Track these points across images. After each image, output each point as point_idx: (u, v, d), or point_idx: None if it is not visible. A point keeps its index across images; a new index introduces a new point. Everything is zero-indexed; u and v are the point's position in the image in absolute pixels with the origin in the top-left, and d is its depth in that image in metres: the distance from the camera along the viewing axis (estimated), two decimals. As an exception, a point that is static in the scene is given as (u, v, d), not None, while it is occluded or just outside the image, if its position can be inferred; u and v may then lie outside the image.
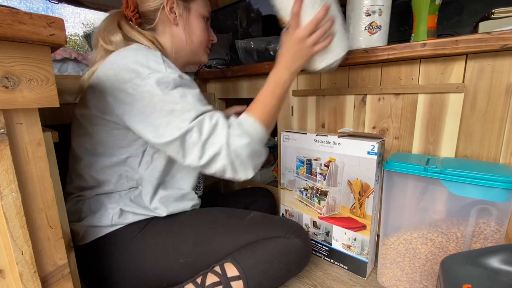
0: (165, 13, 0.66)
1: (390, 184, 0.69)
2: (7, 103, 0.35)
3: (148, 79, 0.54)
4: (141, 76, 0.54)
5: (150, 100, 0.54)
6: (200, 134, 0.54)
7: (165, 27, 0.69)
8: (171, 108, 0.54)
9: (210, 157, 0.55)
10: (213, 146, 0.55)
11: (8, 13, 0.32)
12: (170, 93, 0.55)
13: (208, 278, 0.60)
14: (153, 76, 0.54)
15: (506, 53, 0.58)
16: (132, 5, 0.66)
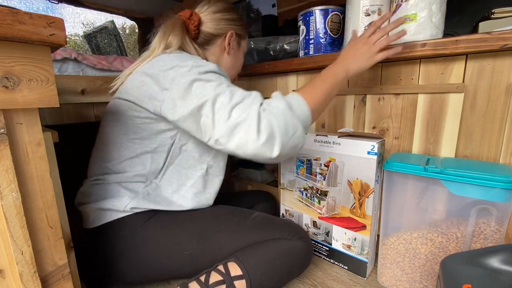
0: (224, 42, 0.76)
1: (390, 184, 0.69)
2: (7, 103, 0.35)
3: (190, 67, 0.58)
4: (184, 65, 0.58)
5: (189, 81, 0.56)
6: (231, 97, 0.54)
7: (217, 51, 0.77)
8: (206, 85, 0.56)
9: (238, 119, 0.52)
10: (244, 109, 0.53)
11: (8, 13, 0.32)
12: (208, 77, 0.58)
13: (212, 277, 0.61)
14: (195, 67, 0.58)
15: (506, 53, 0.58)
16: (196, 20, 0.73)
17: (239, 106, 0.54)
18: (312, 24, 0.86)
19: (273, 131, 0.52)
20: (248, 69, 1.01)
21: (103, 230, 0.64)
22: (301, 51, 0.92)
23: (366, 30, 0.64)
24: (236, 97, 0.55)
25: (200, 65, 0.59)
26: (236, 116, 0.52)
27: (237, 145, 0.52)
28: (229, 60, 0.80)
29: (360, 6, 0.74)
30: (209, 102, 0.54)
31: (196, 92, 0.55)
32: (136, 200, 0.64)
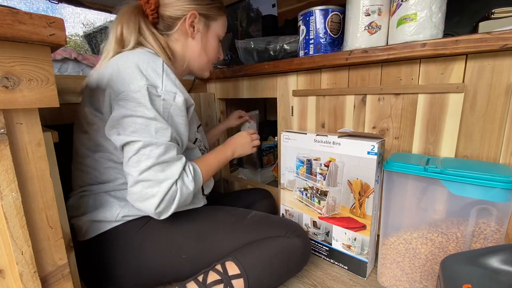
0: (185, 25, 0.68)
1: (390, 184, 0.69)
2: (7, 103, 0.35)
3: (141, 88, 0.55)
4: (135, 81, 0.55)
5: (135, 107, 0.55)
6: (163, 154, 0.56)
7: (181, 36, 0.70)
8: (148, 123, 0.56)
9: (156, 180, 0.55)
10: (167, 172, 0.57)
11: (8, 13, 0.32)
12: (155, 110, 0.56)
13: (210, 276, 0.61)
14: (146, 88, 0.56)
15: (506, 53, 0.58)
16: (153, 3, 0.66)
17: (160, 167, 0.56)
18: (312, 24, 0.86)
19: (172, 207, 0.58)
20: (248, 69, 1.01)
21: (97, 241, 0.63)
22: (301, 51, 0.92)
23: (249, 131, 0.85)
24: (164, 157, 0.56)
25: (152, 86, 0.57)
26: (152, 174, 0.55)
27: (137, 194, 0.56)
28: (195, 45, 0.71)
29: (360, 6, 0.74)
30: (140, 144, 0.55)
31: (130, 129, 0.55)
32: (126, 208, 0.63)
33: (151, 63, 0.58)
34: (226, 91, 1.20)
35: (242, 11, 1.32)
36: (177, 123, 0.61)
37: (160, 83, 0.58)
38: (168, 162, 0.57)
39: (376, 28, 0.74)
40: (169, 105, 0.58)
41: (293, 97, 0.96)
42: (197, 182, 0.63)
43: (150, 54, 0.61)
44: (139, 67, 0.57)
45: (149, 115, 0.55)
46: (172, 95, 0.59)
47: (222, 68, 1.15)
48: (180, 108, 0.60)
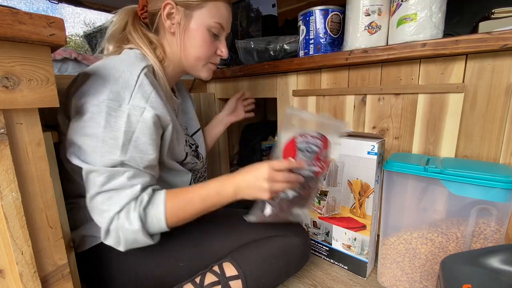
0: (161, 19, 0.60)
1: (390, 184, 0.69)
2: (7, 103, 0.35)
3: (100, 102, 0.49)
4: (98, 95, 0.49)
5: (88, 122, 0.49)
6: (107, 182, 0.50)
7: (164, 33, 0.63)
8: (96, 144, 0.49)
9: (100, 210, 0.51)
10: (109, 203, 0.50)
11: (8, 13, 0.32)
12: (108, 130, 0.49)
13: (207, 278, 0.60)
14: (106, 104, 0.49)
15: (506, 53, 0.58)
16: (141, 3, 0.61)
17: (105, 195, 0.50)
18: (312, 24, 0.86)
19: (120, 243, 0.52)
20: (248, 69, 1.01)
21: (91, 253, 0.60)
22: (301, 51, 0.92)
23: (278, 163, 0.56)
24: (109, 185, 0.50)
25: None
26: (97, 202, 0.51)
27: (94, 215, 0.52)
28: (176, 42, 0.62)
29: (360, 6, 0.74)
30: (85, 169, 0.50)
31: (80, 149, 0.50)
32: None
33: (125, 72, 0.51)
34: (226, 91, 1.20)
35: (242, 11, 1.32)
36: (144, 143, 0.52)
37: (128, 96, 0.50)
38: (117, 190, 0.50)
39: (376, 28, 0.74)
40: (134, 122, 0.50)
41: (293, 97, 0.96)
42: (150, 221, 0.52)
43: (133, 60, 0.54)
44: (109, 77, 0.50)
45: (99, 135, 0.48)
46: (139, 110, 0.51)
47: (222, 68, 1.15)
48: (147, 125, 0.51)
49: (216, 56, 0.68)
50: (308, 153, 0.58)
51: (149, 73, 0.54)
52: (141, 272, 0.62)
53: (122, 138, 0.49)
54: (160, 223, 0.53)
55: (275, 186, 0.55)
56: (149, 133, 0.52)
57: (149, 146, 0.53)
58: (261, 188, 0.55)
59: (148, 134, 0.52)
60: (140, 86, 0.51)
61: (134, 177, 0.52)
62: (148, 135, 0.52)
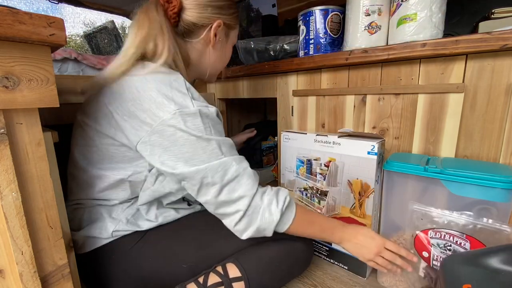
0: (209, 34, 0.64)
1: (390, 184, 0.69)
2: (7, 103, 0.35)
3: (173, 113, 0.51)
4: (164, 108, 0.52)
5: (173, 135, 0.52)
6: (224, 174, 0.54)
7: (200, 44, 0.66)
8: (194, 147, 0.53)
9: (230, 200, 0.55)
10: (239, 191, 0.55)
11: (8, 13, 0.32)
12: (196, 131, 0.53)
13: (210, 278, 0.60)
14: (179, 113, 0.52)
15: (506, 53, 0.58)
16: (177, 5, 0.60)
17: (229, 188, 0.54)
18: (312, 24, 0.86)
19: (248, 228, 0.56)
20: (248, 69, 1.01)
21: (95, 255, 0.60)
22: (301, 51, 0.92)
23: (392, 245, 0.63)
24: (230, 174, 0.54)
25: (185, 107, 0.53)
26: (225, 196, 0.54)
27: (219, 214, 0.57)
28: (214, 54, 0.68)
29: (360, 6, 0.74)
30: (198, 174, 0.53)
31: (183, 150, 0.53)
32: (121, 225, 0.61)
33: (173, 83, 0.55)
34: (226, 91, 1.20)
35: (242, 11, 1.32)
36: (221, 130, 0.58)
37: (190, 101, 0.54)
38: (237, 178, 0.55)
39: (376, 28, 0.74)
40: (205, 118, 0.55)
41: (293, 97, 0.96)
42: (282, 221, 0.58)
43: (167, 73, 0.57)
44: (163, 92, 0.53)
45: (191, 139, 0.52)
46: (205, 108, 0.56)
47: (222, 68, 1.15)
48: (215, 118, 0.58)
49: None
50: None
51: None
52: (144, 274, 0.62)
53: (205, 130, 0.54)
54: (285, 225, 0.59)
55: (377, 260, 0.63)
56: (218, 122, 0.58)
57: (224, 134, 0.59)
58: (364, 255, 0.64)
59: (218, 123, 0.58)
60: (191, 91, 0.57)
61: (241, 161, 0.57)
62: (219, 124, 0.58)
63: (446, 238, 0.59)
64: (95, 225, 0.61)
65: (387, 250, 0.63)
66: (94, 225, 0.61)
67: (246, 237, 0.57)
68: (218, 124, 0.58)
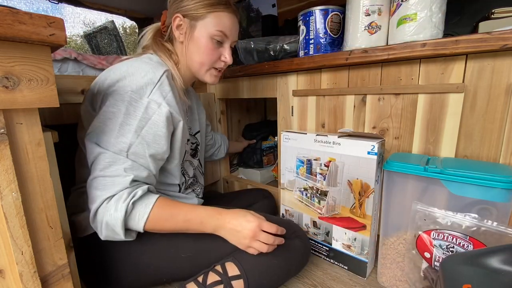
0: (173, 30, 0.69)
1: (390, 184, 0.69)
2: (7, 103, 0.35)
3: (125, 92, 0.57)
4: (125, 85, 0.57)
5: (112, 106, 0.56)
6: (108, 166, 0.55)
7: (176, 42, 0.71)
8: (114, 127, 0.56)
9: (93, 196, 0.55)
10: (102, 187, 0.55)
11: (8, 13, 0.32)
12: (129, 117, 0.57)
13: (210, 277, 0.61)
14: (129, 95, 0.57)
15: (506, 53, 0.58)
16: (162, 19, 0.72)
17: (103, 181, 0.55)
18: (312, 24, 0.86)
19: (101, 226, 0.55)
20: (248, 69, 1.01)
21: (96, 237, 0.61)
22: (301, 51, 0.92)
23: (268, 225, 0.61)
24: (110, 171, 0.55)
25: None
26: (95, 185, 0.55)
27: None
28: (183, 49, 0.70)
29: (360, 6, 0.74)
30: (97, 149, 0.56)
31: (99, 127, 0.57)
32: None
33: (150, 72, 0.60)
34: (226, 91, 1.20)
35: (242, 11, 1.32)
36: (154, 133, 0.59)
37: (149, 91, 0.58)
38: (112, 177, 0.55)
39: (376, 28, 0.74)
40: (150, 113, 0.58)
41: (293, 97, 0.96)
42: (132, 216, 0.55)
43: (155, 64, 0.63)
44: (135, 74, 0.59)
45: (118, 120, 0.56)
46: (156, 104, 0.59)
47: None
48: (161, 119, 0.59)
49: (220, 62, 0.73)
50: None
51: (169, 76, 0.63)
52: (143, 259, 0.64)
53: (136, 124, 0.57)
54: (139, 222, 0.56)
55: (254, 244, 0.61)
56: (161, 125, 0.59)
57: (159, 138, 0.59)
58: (240, 240, 0.61)
59: (160, 126, 0.59)
60: (161, 85, 0.60)
61: (131, 169, 0.56)
62: (160, 127, 0.59)
63: (449, 240, 0.59)
64: None
65: (263, 232, 0.60)
66: None
67: (104, 237, 0.56)
68: (159, 125, 0.59)
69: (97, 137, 0.57)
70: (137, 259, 0.63)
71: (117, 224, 0.54)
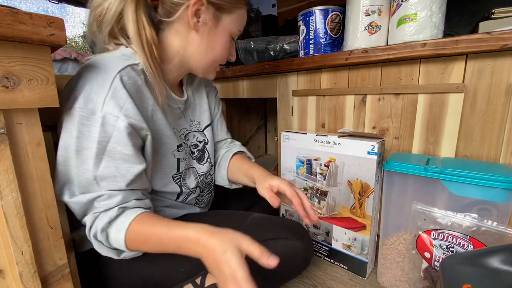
0: (187, 13, 0.54)
1: (390, 184, 0.69)
2: (7, 103, 0.35)
3: (74, 110, 0.46)
4: (73, 101, 0.47)
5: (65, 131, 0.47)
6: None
7: (182, 27, 0.57)
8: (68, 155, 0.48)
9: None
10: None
11: (8, 13, 0.32)
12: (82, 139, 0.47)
13: (208, 279, 0.60)
14: (78, 112, 0.46)
15: (506, 53, 0.58)
16: None
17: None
18: (312, 24, 0.86)
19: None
20: (248, 69, 1.01)
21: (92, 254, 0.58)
22: (301, 51, 0.92)
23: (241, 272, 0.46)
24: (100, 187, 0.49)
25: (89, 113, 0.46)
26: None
27: None
28: (198, 40, 0.57)
29: (360, 6, 0.74)
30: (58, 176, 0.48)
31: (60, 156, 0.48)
32: None
33: (100, 74, 0.48)
34: (226, 91, 1.20)
35: (242, 11, 1.32)
36: (120, 152, 0.49)
37: (101, 103, 0.46)
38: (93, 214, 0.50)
39: (376, 28, 0.74)
40: (109, 131, 0.47)
41: (293, 97, 0.96)
42: (112, 241, 0.51)
43: (114, 59, 0.50)
44: (87, 81, 0.48)
45: (71, 146, 0.47)
46: (113, 118, 0.47)
47: (222, 68, 1.15)
48: (122, 135, 0.48)
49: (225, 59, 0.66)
50: None
51: (130, 74, 0.50)
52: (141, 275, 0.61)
53: (95, 148, 0.47)
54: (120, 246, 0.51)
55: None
56: (124, 143, 0.49)
57: (126, 157, 0.49)
58: (217, 277, 0.48)
59: (124, 144, 0.49)
60: (114, 92, 0.47)
61: (109, 198, 0.49)
62: (124, 145, 0.49)
63: (449, 240, 0.59)
64: None
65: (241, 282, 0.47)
66: None
67: None
68: (122, 143, 0.49)
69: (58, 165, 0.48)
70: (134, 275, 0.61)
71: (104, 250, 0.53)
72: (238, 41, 1.07)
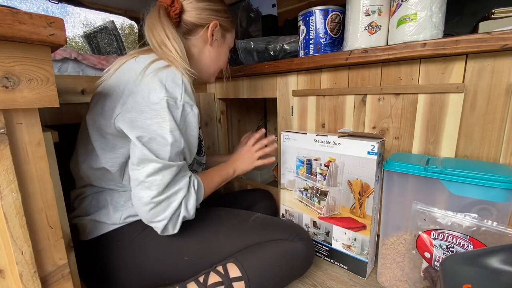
0: (207, 33, 0.70)
1: (390, 184, 0.69)
2: (7, 103, 0.35)
3: (161, 99, 0.56)
4: (155, 93, 0.56)
5: (152, 118, 0.56)
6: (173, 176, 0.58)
7: (199, 42, 0.72)
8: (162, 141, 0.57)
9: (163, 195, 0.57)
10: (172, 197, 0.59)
11: (8, 13, 0.32)
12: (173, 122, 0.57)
13: (211, 278, 0.61)
14: (166, 100, 0.56)
15: (506, 53, 0.58)
16: (178, 8, 0.66)
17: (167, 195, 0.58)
18: (312, 24, 0.86)
19: (177, 225, 0.61)
20: (248, 69, 1.01)
21: (100, 241, 0.63)
22: (301, 51, 0.92)
23: (250, 141, 0.83)
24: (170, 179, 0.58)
25: None
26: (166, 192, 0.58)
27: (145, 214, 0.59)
28: (212, 52, 0.75)
29: (360, 6, 0.74)
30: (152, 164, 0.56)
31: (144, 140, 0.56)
32: (129, 210, 0.64)
33: (170, 74, 0.59)
34: (226, 91, 1.20)
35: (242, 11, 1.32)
36: (190, 134, 0.62)
37: (179, 94, 0.59)
38: (174, 182, 0.59)
39: (376, 28, 0.74)
40: (186, 115, 0.60)
41: (293, 97, 0.96)
42: (198, 197, 0.64)
43: (169, 64, 0.61)
44: (158, 77, 0.57)
45: (166, 131, 0.56)
46: (189, 106, 0.60)
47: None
48: (195, 120, 0.61)
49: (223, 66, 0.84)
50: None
51: (185, 76, 0.63)
52: (145, 264, 0.64)
53: (179, 129, 0.58)
54: (201, 199, 0.67)
55: (255, 155, 0.81)
56: (195, 125, 0.62)
57: (194, 138, 0.63)
58: (247, 161, 0.81)
59: (194, 126, 0.62)
60: (185, 87, 0.60)
61: (184, 171, 0.62)
62: (194, 127, 0.62)
63: (449, 240, 0.59)
64: (104, 211, 0.64)
65: (254, 146, 0.82)
66: (103, 210, 0.64)
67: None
68: (193, 126, 0.62)
69: (151, 148, 0.57)
70: (139, 262, 0.64)
71: (193, 210, 0.63)
72: (238, 41, 1.07)
